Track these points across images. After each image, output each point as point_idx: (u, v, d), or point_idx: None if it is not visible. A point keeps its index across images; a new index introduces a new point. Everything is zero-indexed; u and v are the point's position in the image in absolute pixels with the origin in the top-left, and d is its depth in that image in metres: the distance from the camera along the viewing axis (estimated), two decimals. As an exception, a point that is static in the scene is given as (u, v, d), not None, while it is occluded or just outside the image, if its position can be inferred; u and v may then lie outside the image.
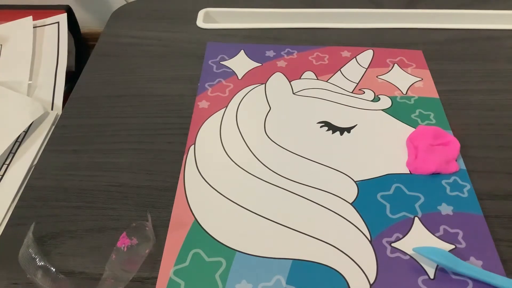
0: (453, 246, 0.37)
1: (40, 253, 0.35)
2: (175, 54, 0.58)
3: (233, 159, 0.44)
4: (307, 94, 0.51)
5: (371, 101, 0.50)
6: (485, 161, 0.44)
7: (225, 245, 0.37)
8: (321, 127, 0.47)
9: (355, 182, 0.42)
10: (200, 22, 0.63)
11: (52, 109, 0.54)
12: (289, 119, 0.48)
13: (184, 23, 0.63)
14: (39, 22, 0.66)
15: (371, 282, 0.35)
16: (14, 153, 0.47)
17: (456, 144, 0.44)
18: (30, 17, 0.66)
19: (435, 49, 0.58)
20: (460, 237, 0.38)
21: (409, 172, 0.43)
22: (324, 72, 0.54)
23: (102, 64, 0.56)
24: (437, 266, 0.35)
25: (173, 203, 0.40)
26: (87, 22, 0.95)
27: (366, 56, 0.57)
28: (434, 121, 0.48)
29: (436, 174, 0.42)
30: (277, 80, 0.53)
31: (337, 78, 0.53)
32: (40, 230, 0.38)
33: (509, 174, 0.43)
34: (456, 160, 0.43)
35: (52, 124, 0.51)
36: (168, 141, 0.46)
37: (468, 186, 0.42)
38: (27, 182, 0.43)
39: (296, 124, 0.47)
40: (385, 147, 0.45)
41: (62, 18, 0.67)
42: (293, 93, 0.51)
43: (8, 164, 0.46)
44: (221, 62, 0.56)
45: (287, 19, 0.65)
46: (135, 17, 0.65)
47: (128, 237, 0.36)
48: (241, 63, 0.56)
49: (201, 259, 0.36)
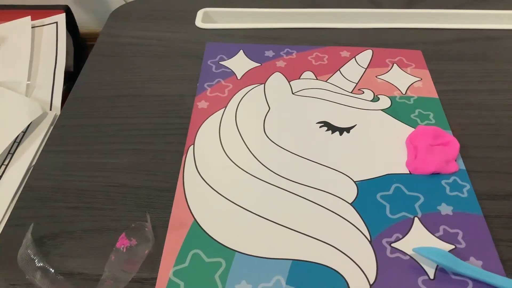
0: (453, 246, 0.37)
1: (39, 254, 0.35)
2: (174, 54, 0.57)
3: (233, 159, 0.44)
4: (307, 94, 0.51)
5: (371, 101, 0.50)
6: (485, 161, 0.44)
7: (225, 246, 0.37)
8: (321, 127, 0.47)
9: (355, 182, 0.42)
10: (199, 22, 0.63)
11: (51, 109, 0.54)
12: (289, 119, 0.48)
13: (183, 23, 0.63)
14: (38, 22, 0.66)
15: (371, 283, 0.35)
16: (13, 154, 0.47)
17: (456, 144, 0.44)
18: (29, 17, 0.66)
19: (435, 49, 0.58)
20: (460, 237, 0.38)
21: (409, 172, 0.43)
22: (324, 72, 0.54)
23: (101, 64, 0.56)
24: (437, 266, 0.35)
25: (173, 204, 0.40)
26: (86, 22, 0.95)
27: (366, 56, 0.56)
28: (434, 121, 0.48)
29: (436, 174, 0.42)
30: (276, 80, 0.53)
31: (337, 78, 0.53)
32: (39, 231, 0.38)
33: (509, 174, 0.43)
34: (456, 160, 0.43)
35: (51, 125, 0.51)
36: (167, 142, 0.46)
37: (468, 186, 0.41)
38: (26, 183, 0.43)
39: (296, 124, 0.47)
40: (385, 147, 0.45)
41: (61, 18, 0.67)
42: (293, 93, 0.51)
43: (7, 165, 0.46)
44: (220, 62, 0.56)
45: (286, 19, 0.64)
46: (134, 17, 0.65)
47: (127, 238, 0.36)
48: (240, 63, 0.55)
49: (201, 260, 0.36)
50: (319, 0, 0.67)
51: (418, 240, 0.37)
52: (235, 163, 0.43)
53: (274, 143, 0.45)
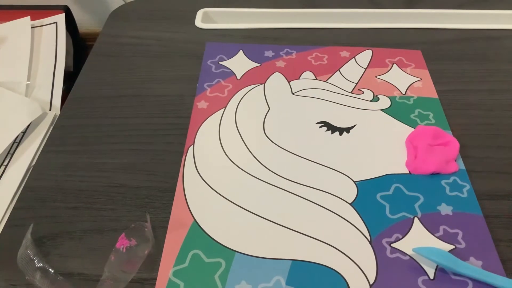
0: (453, 246, 0.37)
1: (39, 254, 0.35)
2: (174, 54, 0.57)
3: (232, 160, 0.44)
4: (306, 94, 0.51)
5: (370, 101, 0.50)
6: (485, 161, 0.44)
7: (225, 246, 0.37)
8: (320, 127, 0.47)
9: (355, 183, 0.42)
10: (199, 22, 0.63)
11: (50, 110, 0.54)
12: (288, 119, 0.48)
13: (183, 23, 0.63)
14: (37, 22, 0.66)
15: (371, 283, 0.35)
16: (12, 154, 0.47)
17: (456, 144, 0.44)
18: (28, 17, 0.66)
19: (434, 49, 0.58)
20: (460, 237, 0.38)
21: (409, 172, 0.43)
22: (323, 72, 0.54)
23: (101, 64, 0.56)
24: (437, 267, 0.35)
25: (172, 204, 0.40)
26: (85, 22, 0.95)
27: (365, 56, 0.56)
28: (433, 121, 0.48)
29: (436, 174, 0.42)
30: (276, 80, 0.53)
31: (336, 78, 0.53)
32: (39, 231, 0.38)
33: (509, 174, 0.43)
34: (456, 160, 0.43)
35: (51, 125, 0.51)
36: (167, 142, 0.46)
37: (468, 186, 0.41)
38: (26, 183, 0.43)
39: (295, 124, 0.47)
40: (385, 147, 0.45)
41: (60, 18, 0.67)
42: (292, 93, 0.51)
43: (6, 165, 0.46)
44: (220, 62, 0.56)
45: (286, 19, 0.64)
46: (134, 17, 0.65)
47: (127, 238, 0.36)
48: (240, 63, 0.55)
49: (201, 260, 0.36)
50: (319, 0, 0.67)
51: (418, 240, 0.37)
52: (235, 163, 0.43)
53: (274, 143, 0.45)
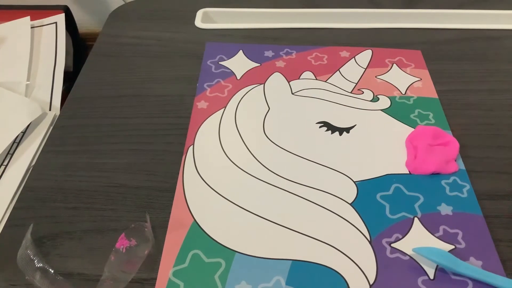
0: (453, 247, 0.37)
1: (39, 255, 0.35)
2: (174, 54, 0.57)
3: (232, 160, 0.44)
4: (306, 94, 0.51)
5: (370, 101, 0.50)
6: (485, 161, 0.44)
7: (224, 246, 0.37)
8: (320, 127, 0.47)
9: (355, 183, 0.42)
10: (199, 22, 0.63)
11: (50, 110, 0.54)
12: (288, 120, 0.48)
13: (183, 23, 0.63)
14: (37, 22, 0.66)
15: (371, 283, 0.35)
16: (12, 154, 0.47)
17: (456, 144, 0.44)
18: (28, 17, 0.65)
19: (434, 49, 0.58)
20: (460, 237, 0.38)
21: (409, 172, 0.43)
22: (323, 72, 0.54)
23: (101, 64, 0.56)
24: (437, 267, 0.35)
25: (172, 204, 0.40)
26: (85, 22, 0.95)
27: (365, 56, 0.56)
28: (433, 121, 0.48)
29: (436, 174, 0.42)
30: (276, 80, 0.53)
31: (336, 78, 0.53)
32: (39, 231, 0.38)
33: (509, 174, 0.43)
34: (456, 160, 0.43)
35: (50, 125, 0.51)
36: (167, 142, 0.46)
37: (468, 186, 0.41)
38: (25, 183, 0.43)
39: (295, 125, 0.47)
40: (384, 147, 0.45)
41: (60, 18, 0.67)
42: (292, 93, 0.51)
43: (6, 165, 0.46)
44: (220, 63, 0.56)
45: (286, 19, 0.64)
46: (134, 17, 0.65)
47: (127, 238, 0.36)
48: (240, 63, 0.55)
49: (201, 260, 0.36)
50: (319, 0, 0.67)
51: (418, 240, 0.37)
52: (235, 163, 0.43)
53: (274, 143, 0.45)
